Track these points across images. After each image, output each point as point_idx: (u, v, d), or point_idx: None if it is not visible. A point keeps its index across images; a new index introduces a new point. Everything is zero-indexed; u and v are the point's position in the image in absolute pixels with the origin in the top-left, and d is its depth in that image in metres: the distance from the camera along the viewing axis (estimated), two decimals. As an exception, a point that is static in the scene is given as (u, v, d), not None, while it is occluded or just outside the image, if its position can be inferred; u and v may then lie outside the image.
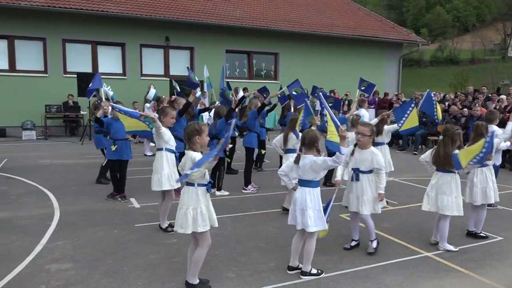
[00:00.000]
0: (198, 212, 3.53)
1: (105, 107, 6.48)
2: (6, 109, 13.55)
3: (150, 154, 10.76)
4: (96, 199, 6.65)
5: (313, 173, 3.85)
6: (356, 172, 4.52)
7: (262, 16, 17.80)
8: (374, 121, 6.39)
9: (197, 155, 3.51)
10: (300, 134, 4.47)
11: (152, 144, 10.83)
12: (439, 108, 6.88)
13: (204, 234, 3.61)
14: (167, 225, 5.19)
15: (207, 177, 3.61)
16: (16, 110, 13.29)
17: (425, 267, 4.29)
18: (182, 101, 6.82)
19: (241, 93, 14.81)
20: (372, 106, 15.75)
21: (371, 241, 4.59)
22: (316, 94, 7.83)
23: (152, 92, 11.72)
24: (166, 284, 3.82)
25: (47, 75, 14.41)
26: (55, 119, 14.33)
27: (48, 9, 13.60)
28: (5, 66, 13.95)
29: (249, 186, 7.28)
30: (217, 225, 3.74)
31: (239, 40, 17.09)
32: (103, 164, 7.71)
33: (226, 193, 7.02)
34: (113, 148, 6.32)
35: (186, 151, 3.64)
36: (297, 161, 3.91)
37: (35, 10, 13.53)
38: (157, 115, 5.22)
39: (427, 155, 4.80)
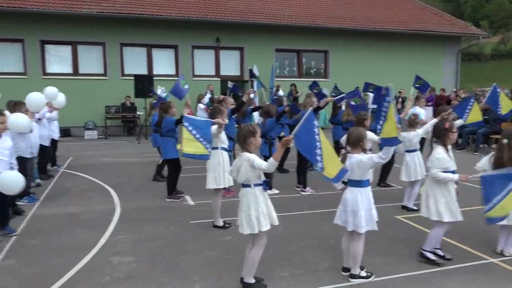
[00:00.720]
0: (260, 211, 3.58)
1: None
2: (70, 110, 14.31)
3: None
4: (153, 196, 6.93)
5: (360, 172, 3.78)
6: None
7: (312, 14, 17.65)
8: (434, 121, 6.06)
9: (254, 157, 3.54)
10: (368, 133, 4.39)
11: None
12: (505, 99, 6.42)
13: (263, 233, 3.66)
14: (222, 223, 5.30)
15: (263, 176, 3.64)
16: (79, 111, 14.14)
17: (490, 274, 4.06)
18: (230, 100, 6.93)
19: (280, 92, 14.80)
20: (430, 104, 15.09)
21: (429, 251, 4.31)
22: (371, 90, 7.63)
23: (207, 97, 12.10)
24: (221, 281, 3.92)
25: (106, 78, 15.21)
26: (114, 119, 15.10)
27: (107, 15, 14.37)
28: (69, 70, 14.92)
29: (308, 188, 7.21)
30: (277, 223, 3.76)
31: (289, 38, 17.06)
32: (159, 163, 8.02)
33: (276, 191, 7.04)
34: (178, 146, 6.52)
35: (240, 153, 3.69)
36: (343, 161, 3.83)
37: (95, 16, 14.33)
38: (226, 121, 5.29)
39: (484, 163, 4.43)
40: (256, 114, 10.95)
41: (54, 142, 8.67)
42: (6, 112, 5.28)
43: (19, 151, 6.00)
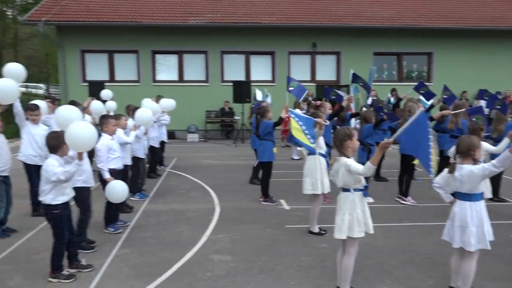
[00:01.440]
0: (354, 217, 3.51)
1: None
2: (176, 114, 15.54)
3: (297, 158, 11.10)
4: (250, 198, 7.15)
5: (471, 184, 3.43)
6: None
7: (413, 14, 16.67)
8: None
9: (351, 161, 3.48)
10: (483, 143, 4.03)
11: (299, 148, 11.16)
12: None
13: (353, 240, 3.57)
14: (317, 229, 5.27)
15: (364, 181, 3.55)
16: (183, 116, 15.18)
17: None
18: (328, 105, 6.86)
19: (369, 101, 14.15)
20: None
21: None
22: (486, 97, 7.00)
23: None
24: None
25: (208, 84, 16.13)
26: (214, 124, 15.95)
27: (210, 25, 15.26)
28: (175, 77, 16.14)
29: (409, 198, 6.84)
30: (372, 232, 3.64)
31: (388, 41, 16.34)
32: (255, 165, 8.26)
33: (371, 200, 6.76)
34: (275, 150, 6.69)
35: (338, 157, 3.64)
36: (451, 171, 3.53)
37: (200, 26, 15.31)
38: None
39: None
40: (353, 120, 10.71)
41: (162, 143, 9.45)
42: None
43: (134, 152, 6.66)
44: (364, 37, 16.17)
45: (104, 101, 9.39)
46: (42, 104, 6.34)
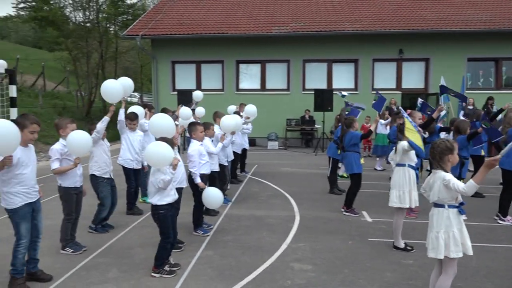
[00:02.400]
0: (450, 235, 3.29)
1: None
2: (258, 122, 15.90)
3: (380, 169, 10.69)
4: (330, 208, 7.04)
5: None
6: None
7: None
8: None
9: (450, 177, 3.25)
10: None
11: (384, 159, 10.74)
12: None
13: (452, 260, 3.33)
14: (403, 245, 5.02)
15: (460, 198, 3.31)
16: (264, 123, 15.46)
17: None
18: (418, 115, 6.51)
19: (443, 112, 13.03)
20: None
21: None
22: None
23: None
24: (404, 306, 3.70)
25: (289, 93, 16.26)
26: (294, 132, 15.99)
27: (293, 34, 15.40)
28: (258, 86, 16.51)
29: (508, 217, 6.21)
30: (471, 253, 3.38)
31: (484, 46, 15.07)
32: (328, 175, 8.13)
33: (464, 217, 6.23)
34: (362, 161, 6.54)
35: (434, 170, 3.43)
36: None
37: (282, 36, 15.53)
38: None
39: None
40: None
41: (244, 150, 9.72)
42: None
43: (219, 159, 6.95)
44: (457, 42, 15.14)
45: (196, 103, 10.10)
46: (140, 110, 6.91)
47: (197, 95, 10.46)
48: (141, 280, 4.22)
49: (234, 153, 8.52)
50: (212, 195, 5.34)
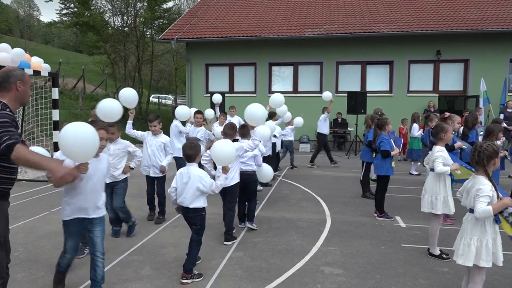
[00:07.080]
0: (483, 244, 3.17)
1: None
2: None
3: (415, 174, 10.41)
4: (361, 212, 6.92)
5: None
6: None
7: None
8: None
9: (482, 192, 3.11)
10: None
11: (418, 163, 10.46)
12: None
13: (480, 269, 3.22)
14: (439, 252, 4.86)
15: (510, 209, 3.19)
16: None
17: None
18: (457, 119, 6.29)
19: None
20: None
21: None
22: None
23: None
24: (438, 315, 3.59)
25: (321, 95, 16.09)
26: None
27: (326, 36, 15.27)
28: (290, 88, 16.48)
29: None
30: (500, 264, 3.25)
31: (530, 46, 14.42)
32: (361, 179, 7.98)
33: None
34: (393, 164, 6.42)
35: (474, 175, 3.32)
36: None
37: (315, 38, 15.43)
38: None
39: None
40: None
41: (277, 153, 9.72)
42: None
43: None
44: (498, 43, 14.54)
45: (215, 105, 10.50)
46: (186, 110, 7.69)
47: (217, 98, 10.96)
48: (172, 278, 4.31)
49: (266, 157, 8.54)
50: (265, 169, 6.30)
